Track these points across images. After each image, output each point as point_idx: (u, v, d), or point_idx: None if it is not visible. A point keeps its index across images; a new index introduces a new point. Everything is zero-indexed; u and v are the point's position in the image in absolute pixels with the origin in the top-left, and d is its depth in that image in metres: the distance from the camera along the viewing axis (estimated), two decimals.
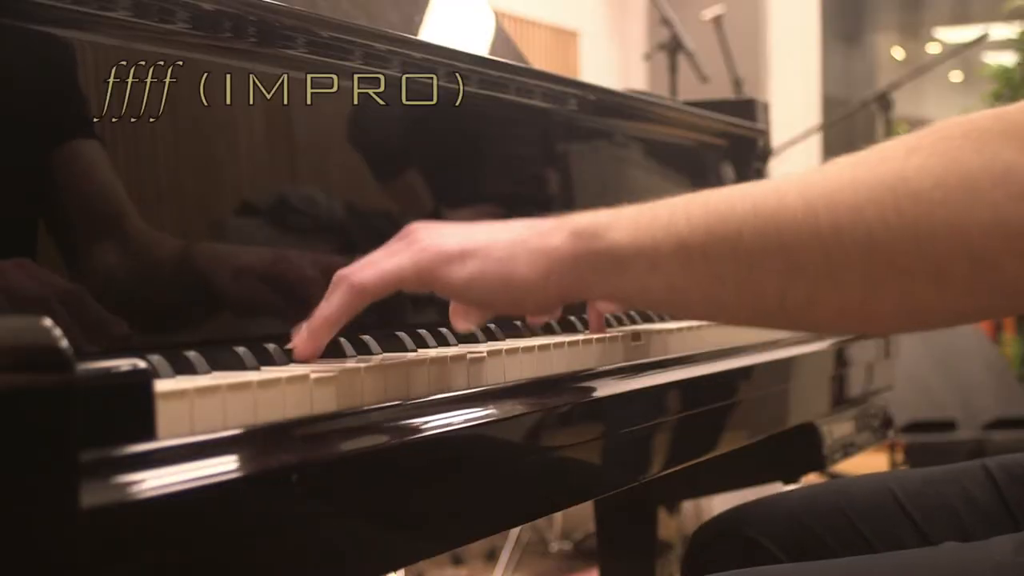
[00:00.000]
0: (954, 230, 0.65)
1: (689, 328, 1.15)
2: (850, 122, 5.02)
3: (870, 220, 0.67)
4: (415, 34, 1.26)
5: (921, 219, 0.66)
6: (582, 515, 3.28)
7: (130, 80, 0.81)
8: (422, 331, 0.94)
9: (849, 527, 1.08)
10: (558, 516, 3.40)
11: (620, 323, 1.17)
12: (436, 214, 1.09)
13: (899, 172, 0.67)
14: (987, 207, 0.64)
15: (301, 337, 0.79)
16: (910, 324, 0.73)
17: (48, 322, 0.52)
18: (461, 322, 0.87)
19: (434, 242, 0.79)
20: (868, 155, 0.70)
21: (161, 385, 0.62)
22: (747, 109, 1.76)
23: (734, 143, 1.65)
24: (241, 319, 0.87)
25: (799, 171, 0.73)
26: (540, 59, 4.02)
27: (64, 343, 0.51)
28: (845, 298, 0.69)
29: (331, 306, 0.78)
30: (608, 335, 1.02)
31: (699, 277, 0.73)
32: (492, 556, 3.27)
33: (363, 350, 0.86)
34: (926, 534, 1.06)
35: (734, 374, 1.16)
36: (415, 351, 0.89)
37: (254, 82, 0.90)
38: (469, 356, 0.86)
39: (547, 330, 1.08)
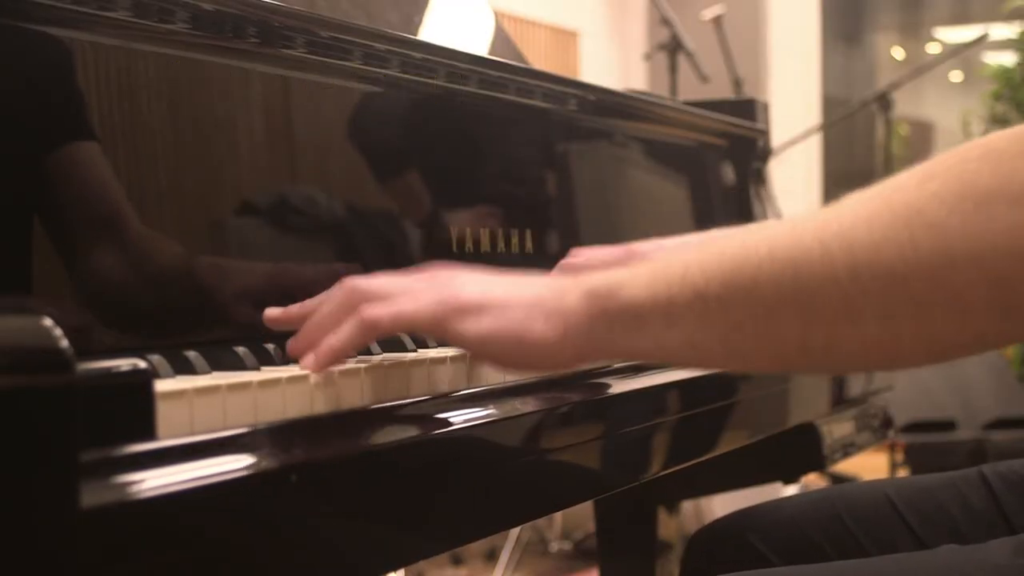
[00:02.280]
0: (972, 257, 0.64)
1: None
2: (850, 122, 5.02)
3: (887, 257, 0.66)
4: (415, 34, 1.26)
5: (939, 250, 0.65)
6: (582, 515, 3.28)
7: (130, 80, 0.81)
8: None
9: (846, 533, 1.08)
10: (558, 516, 3.40)
11: None
12: (436, 214, 1.09)
13: (914, 203, 0.66)
14: (1005, 230, 0.63)
15: (307, 363, 0.77)
16: (932, 356, 0.71)
17: (48, 322, 0.52)
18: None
19: (453, 292, 0.78)
20: (883, 188, 0.69)
21: (161, 385, 0.62)
22: (747, 109, 1.76)
23: (734, 143, 1.65)
24: (241, 319, 0.87)
25: (815, 210, 0.72)
26: (540, 59, 4.01)
27: (64, 343, 0.51)
28: (864, 337, 0.68)
29: (340, 337, 0.77)
30: None
31: (717, 328, 0.72)
32: (492, 556, 3.27)
33: (363, 350, 0.86)
34: (923, 540, 1.06)
35: (734, 374, 1.16)
36: (415, 351, 0.89)
37: (254, 82, 0.90)
38: (469, 357, 0.86)
39: None
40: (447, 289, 0.78)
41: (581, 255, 1.07)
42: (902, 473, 3.41)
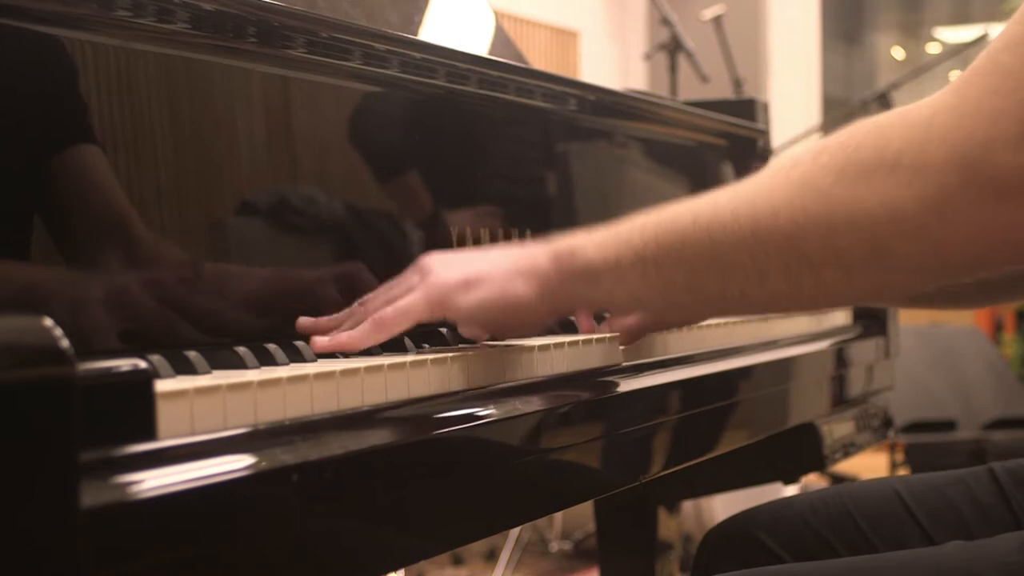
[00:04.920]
0: (851, 222, 0.73)
1: (689, 328, 1.15)
2: (850, 122, 5.01)
3: (783, 222, 0.76)
4: (415, 34, 1.26)
5: (824, 215, 0.74)
6: (582, 515, 3.28)
7: (130, 80, 0.81)
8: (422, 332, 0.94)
9: (855, 530, 1.09)
10: (558, 516, 3.40)
11: None
12: (436, 214, 1.09)
13: (806, 174, 0.75)
14: (877, 196, 0.71)
15: (324, 342, 0.85)
16: (830, 305, 0.90)
17: (49, 322, 0.52)
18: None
19: (441, 276, 0.88)
20: (787, 160, 0.78)
21: (161, 385, 0.62)
22: (747, 109, 1.76)
23: (734, 143, 1.65)
24: (242, 319, 0.87)
25: (737, 183, 0.82)
26: (540, 59, 4.01)
27: (65, 343, 0.51)
28: (771, 290, 0.79)
29: (354, 334, 0.86)
30: (608, 335, 1.02)
31: (654, 284, 0.84)
32: (492, 556, 3.26)
33: (363, 350, 0.86)
34: (932, 537, 1.07)
35: (734, 374, 1.16)
36: (415, 351, 0.89)
37: (254, 82, 0.90)
38: (470, 356, 0.86)
39: (547, 331, 1.08)
40: (436, 276, 0.88)
41: None
42: (903, 473, 3.41)
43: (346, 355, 0.85)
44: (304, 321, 0.89)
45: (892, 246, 0.72)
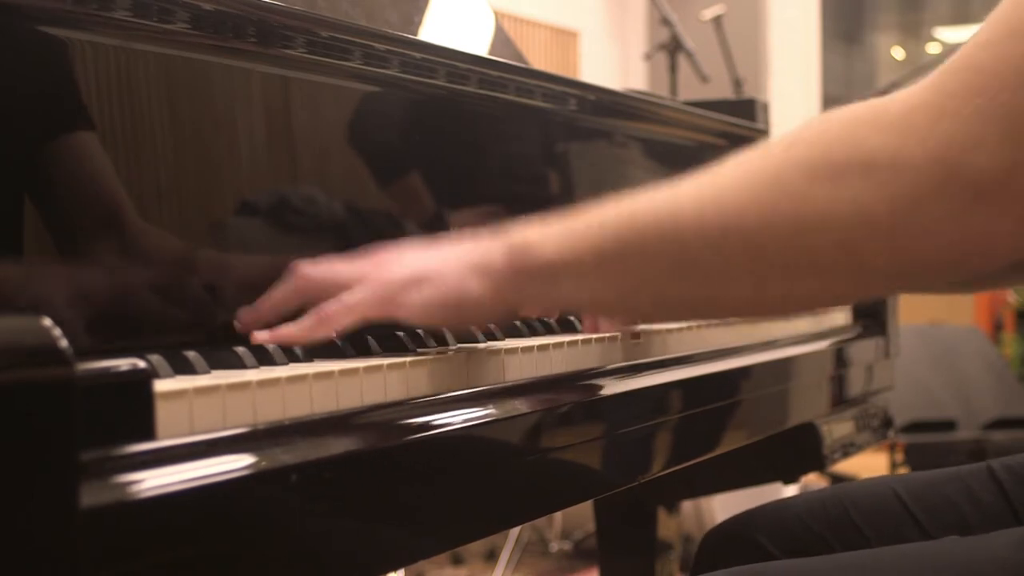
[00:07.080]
0: (824, 223, 0.68)
1: (689, 328, 1.15)
2: None
3: (751, 221, 0.71)
4: (415, 34, 1.26)
5: (794, 215, 0.69)
6: (582, 515, 3.28)
7: (130, 80, 0.81)
8: (421, 331, 0.94)
9: (854, 530, 1.09)
10: (558, 516, 3.40)
11: None
12: (436, 214, 1.09)
13: (778, 169, 0.70)
14: (851, 199, 0.67)
15: (263, 336, 0.81)
16: (799, 310, 0.84)
17: (48, 322, 0.52)
18: None
19: (390, 274, 0.83)
20: (756, 153, 0.74)
21: (161, 385, 0.62)
22: (747, 109, 1.76)
23: (734, 143, 1.65)
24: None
25: (700, 174, 0.76)
26: (540, 59, 4.01)
27: (64, 343, 0.51)
28: (739, 296, 0.75)
29: (294, 329, 0.81)
30: (608, 335, 1.02)
31: (616, 285, 0.79)
32: (492, 556, 3.26)
33: (363, 350, 0.86)
34: (931, 535, 1.07)
35: (734, 374, 1.16)
36: (415, 351, 0.89)
37: (254, 82, 0.90)
38: (469, 356, 0.86)
39: (547, 330, 1.08)
40: (385, 273, 0.83)
41: None
42: (902, 472, 3.40)
43: (342, 352, 0.85)
44: (245, 315, 0.84)
45: (864, 249, 0.69)
